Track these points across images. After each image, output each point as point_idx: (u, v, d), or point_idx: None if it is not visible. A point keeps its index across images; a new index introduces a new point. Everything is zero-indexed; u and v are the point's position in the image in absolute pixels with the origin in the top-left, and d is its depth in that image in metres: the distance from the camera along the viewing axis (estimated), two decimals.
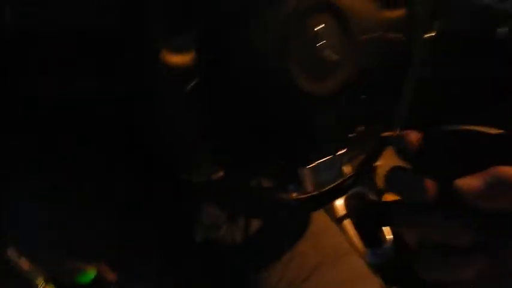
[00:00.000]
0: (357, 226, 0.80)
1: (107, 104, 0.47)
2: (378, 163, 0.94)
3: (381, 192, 0.90)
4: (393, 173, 0.30)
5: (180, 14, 0.37)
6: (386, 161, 1.05)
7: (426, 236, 0.29)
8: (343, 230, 0.77)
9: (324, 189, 0.49)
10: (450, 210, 0.27)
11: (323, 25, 0.41)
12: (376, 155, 0.57)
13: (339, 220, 0.78)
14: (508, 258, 0.27)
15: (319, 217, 0.68)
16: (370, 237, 0.80)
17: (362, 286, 0.59)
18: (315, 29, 0.41)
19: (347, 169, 0.51)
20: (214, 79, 0.38)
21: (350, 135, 0.52)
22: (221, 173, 0.40)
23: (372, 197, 0.87)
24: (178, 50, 0.35)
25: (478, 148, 0.28)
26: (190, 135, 0.38)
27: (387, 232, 0.82)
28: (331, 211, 0.79)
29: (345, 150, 0.50)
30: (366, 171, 0.56)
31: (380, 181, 0.96)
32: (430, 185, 0.27)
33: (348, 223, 0.79)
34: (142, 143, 0.52)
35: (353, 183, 0.53)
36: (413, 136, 0.30)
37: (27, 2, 0.42)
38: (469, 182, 0.26)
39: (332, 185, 0.49)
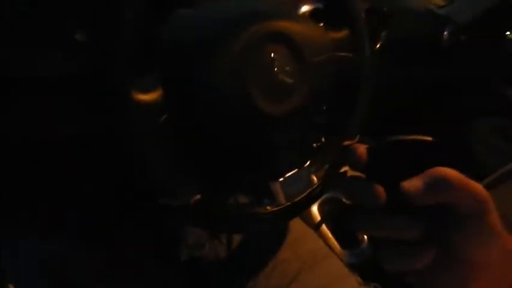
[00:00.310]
0: (334, 230, 0.84)
1: (85, 142, 0.50)
2: (346, 168, 1.00)
3: None
4: (348, 182, 0.34)
5: (143, 56, 0.41)
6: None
7: (382, 234, 0.33)
8: (321, 235, 0.81)
9: (296, 200, 0.53)
10: (399, 210, 0.32)
11: (276, 53, 0.46)
12: (340, 163, 0.61)
13: (316, 226, 0.82)
14: (453, 246, 0.31)
15: (296, 225, 0.72)
16: (347, 239, 0.84)
17: (340, 284, 0.63)
18: (270, 57, 0.46)
19: (315, 179, 0.56)
20: (182, 111, 0.42)
21: (313, 147, 0.57)
22: (198, 196, 0.44)
23: (345, 200, 0.92)
24: (146, 90, 0.39)
25: (417, 154, 0.33)
26: (165, 164, 0.42)
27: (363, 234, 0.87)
28: (308, 218, 0.83)
29: (309, 161, 0.55)
30: (333, 178, 0.60)
31: None
32: (379, 190, 0.32)
33: (324, 228, 0.83)
34: (118, 174, 0.55)
35: (323, 191, 0.58)
36: (361, 149, 0.34)
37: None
38: (412, 183, 0.31)
39: (302, 195, 0.53)
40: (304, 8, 0.68)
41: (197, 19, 0.46)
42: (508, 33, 1.52)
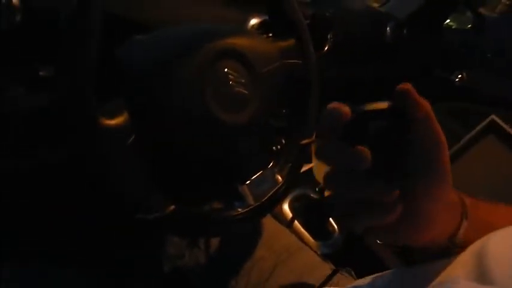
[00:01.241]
0: (306, 224, 0.89)
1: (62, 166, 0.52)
2: (312, 164, 1.05)
3: (321, 189, 1.01)
4: (335, 148, 0.33)
5: (105, 84, 0.44)
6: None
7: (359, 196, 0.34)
8: (294, 231, 0.86)
9: (264, 199, 0.57)
10: (376, 174, 0.32)
11: (230, 68, 0.50)
12: (302, 160, 0.66)
13: (289, 223, 0.87)
14: (414, 197, 0.34)
15: (270, 224, 0.77)
16: (319, 231, 0.89)
17: (314, 272, 0.68)
18: (224, 71, 0.50)
19: (279, 178, 0.60)
20: (148, 130, 0.45)
21: (274, 149, 0.62)
22: (172, 207, 0.47)
23: (314, 195, 0.97)
24: (112, 115, 0.42)
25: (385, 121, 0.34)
26: (136, 181, 0.45)
27: (333, 224, 0.92)
28: (280, 216, 0.88)
29: (272, 163, 0.59)
30: (298, 175, 0.65)
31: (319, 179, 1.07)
32: (366, 151, 0.31)
33: (297, 223, 0.88)
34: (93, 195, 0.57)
35: (288, 189, 0.62)
36: (346, 109, 0.33)
37: None
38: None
39: (269, 194, 0.58)
40: (253, 21, 0.74)
41: (153, 44, 0.50)
42: (447, 21, 1.64)
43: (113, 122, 0.42)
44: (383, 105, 0.34)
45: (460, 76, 1.36)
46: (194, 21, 0.57)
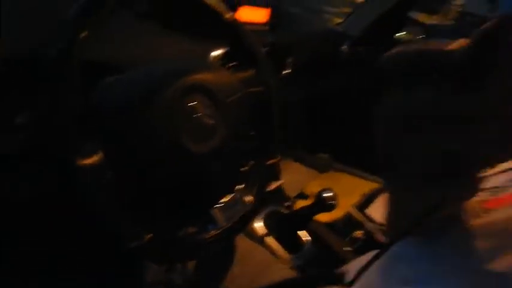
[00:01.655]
0: (278, 239, 0.93)
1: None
2: (282, 181, 1.10)
3: (291, 205, 1.05)
4: None
5: (81, 126, 0.47)
6: (291, 177, 1.22)
7: None
8: (267, 247, 0.90)
9: (235, 220, 0.61)
10: None
11: (196, 101, 0.55)
12: (270, 180, 0.71)
13: (262, 239, 0.91)
14: None
15: (243, 242, 0.80)
16: (292, 244, 0.94)
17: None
18: (191, 105, 0.54)
19: (249, 198, 0.64)
20: (124, 166, 0.49)
21: (243, 171, 0.66)
22: (150, 235, 0.50)
23: (285, 211, 1.02)
24: (89, 155, 0.45)
25: None
26: (116, 213, 0.48)
27: (305, 235, 0.97)
28: (253, 234, 0.91)
29: (242, 185, 0.64)
30: (267, 194, 0.69)
31: (290, 193, 1.12)
32: None
33: (269, 239, 0.92)
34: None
35: (258, 208, 0.67)
36: None
37: None
38: None
39: (240, 215, 0.62)
40: (216, 53, 0.78)
41: (123, 85, 0.54)
42: (402, 33, 1.75)
43: (89, 161, 0.46)
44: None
45: None
46: (162, 59, 0.61)
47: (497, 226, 0.32)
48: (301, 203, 1.04)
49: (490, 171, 0.39)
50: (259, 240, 0.90)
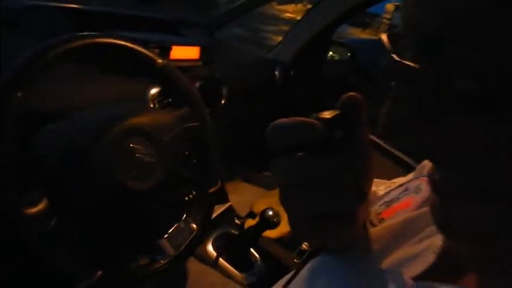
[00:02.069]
0: (230, 260, 0.97)
1: None
2: (229, 203, 1.15)
3: (241, 226, 1.11)
4: (292, 164, 0.28)
5: (23, 177, 0.50)
6: (240, 197, 1.27)
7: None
8: (219, 268, 0.94)
9: (182, 248, 0.66)
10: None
11: (136, 142, 0.59)
12: (215, 205, 0.76)
13: (214, 262, 0.95)
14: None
15: (195, 266, 0.84)
16: (243, 263, 0.99)
17: None
18: (131, 147, 0.59)
19: (194, 226, 0.69)
20: (68, 212, 0.52)
21: (186, 200, 0.71)
22: (99, 272, 0.54)
23: (234, 232, 1.07)
24: (32, 204, 0.49)
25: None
26: (65, 256, 0.51)
27: (255, 253, 1.02)
28: (205, 257, 0.95)
29: (186, 214, 0.69)
30: (215, 218, 0.74)
31: (241, 212, 1.18)
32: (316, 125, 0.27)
33: (222, 261, 0.96)
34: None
35: (204, 233, 0.72)
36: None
37: None
38: None
39: (187, 242, 0.67)
40: (153, 91, 0.84)
41: (63, 132, 0.57)
42: (330, 53, 1.88)
43: (33, 210, 0.49)
44: (335, 112, 0.31)
45: None
46: (101, 103, 0.65)
47: (387, 230, 0.39)
48: (250, 222, 1.10)
49: (387, 187, 0.47)
50: (212, 262, 0.94)
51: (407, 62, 0.22)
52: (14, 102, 0.48)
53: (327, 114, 0.29)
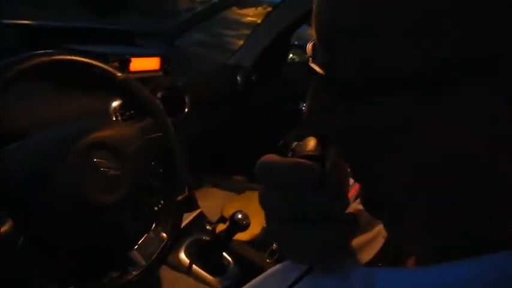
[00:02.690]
0: (203, 265, 0.99)
1: None
2: (199, 210, 1.16)
3: (213, 230, 1.13)
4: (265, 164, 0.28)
5: None
6: (211, 202, 1.28)
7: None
8: (193, 275, 0.95)
9: (153, 258, 0.67)
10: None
11: (100, 156, 0.60)
12: (184, 212, 0.78)
13: (188, 269, 0.96)
14: None
15: (168, 275, 0.85)
16: (216, 268, 1.00)
17: None
18: (95, 161, 0.60)
19: (164, 235, 0.71)
20: (34, 230, 0.52)
21: (155, 210, 0.72)
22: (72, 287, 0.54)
23: (206, 237, 1.08)
24: None
25: None
26: (34, 275, 0.51)
27: (227, 257, 1.04)
28: (179, 265, 0.96)
29: (155, 223, 0.70)
30: (186, 225, 0.75)
31: (212, 218, 1.19)
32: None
33: (195, 268, 0.97)
34: None
35: (176, 241, 0.73)
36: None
37: None
38: None
39: (157, 252, 0.68)
40: (114, 104, 0.84)
41: (25, 151, 0.57)
42: (291, 56, 1.92)
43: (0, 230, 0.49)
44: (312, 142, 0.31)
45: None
46: (63, 120, 0.65)
47: None
48: (222, 227, 1.11)
49: None
50: (186, 269, 0.95)
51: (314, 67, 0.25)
52: None
53: (310, 149, 0.30)
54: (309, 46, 0.27)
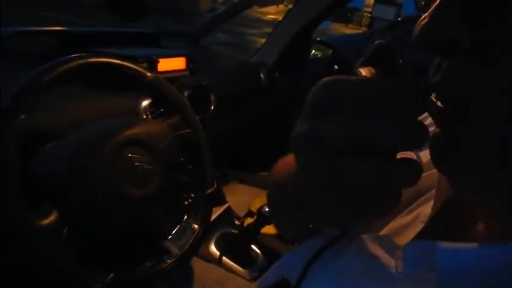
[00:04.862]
0: (233, 257, 1.02)
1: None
2: (227, 205, 1.19)
3: (241, 224, 1.15)
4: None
5: (35, 192, 0.54)
6: (238, 198, 1.31)
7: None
8: (224, 266, 0.98)
9: (186, 247, 0.70)
10: None
11: (133, 152, 0.64)
12: (214, 206, 0.81)
13: (218, 260, 0.99)
14: None
15: (199, 265, 0.89)
16: (246, 260, 1.03)
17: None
18: (129, 156, 0.63)
19: (196, 226, 0.74)
20: (78, 220, 0.56)
21: (186, 204, 0.75)
22: (111, 275, 0.58)
23: (235, 231, 1.11)
24: (44, 216, 0.53)
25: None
26: (77, 263, 0.55)
27: (256, 249, 1.07)
28: (210, 257, 1.00)
29: (187, 216, 0.73)
30: (215, 219, 0.78)
31: (240, 212, 1.22)
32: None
33: (225, 259, 1.01)
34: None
35: (207, 232, 0.76)
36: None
37: None
38: None
39: (190, 242, 0.71)
40: (144, 103, 0.88)
41: (63, 149, 0.61)
42: (313, 52, 1.93)
43: (46, 221, 0.53)
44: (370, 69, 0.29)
45: None
46: (96, 118, 0.69)
47: None
48: (249, 221, 1.14)
49: None
50: (216, 261, 0.98)
51: None
52: (16, 126, 0.52)
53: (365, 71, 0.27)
54: None
